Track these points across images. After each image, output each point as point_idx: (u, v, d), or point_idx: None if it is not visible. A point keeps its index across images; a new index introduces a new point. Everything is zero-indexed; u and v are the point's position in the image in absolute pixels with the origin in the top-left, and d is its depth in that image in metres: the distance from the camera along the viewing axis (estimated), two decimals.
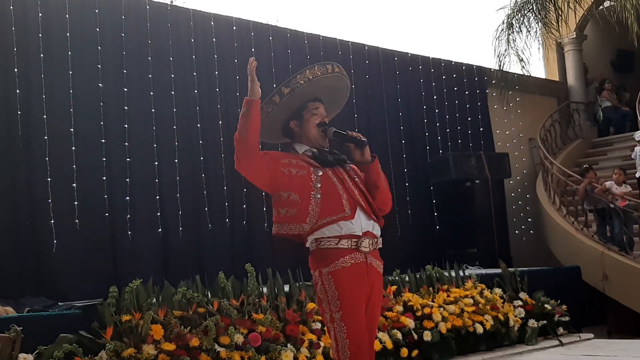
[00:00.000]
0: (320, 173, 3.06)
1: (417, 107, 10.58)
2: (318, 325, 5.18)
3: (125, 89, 7.52)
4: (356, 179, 3.14)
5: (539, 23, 11.08)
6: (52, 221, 6.69)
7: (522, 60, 11.34)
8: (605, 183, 9.58)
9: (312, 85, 3.11)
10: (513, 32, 11.31)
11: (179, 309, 4.76)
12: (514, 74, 11.65)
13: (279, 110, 3.15)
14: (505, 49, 11.32)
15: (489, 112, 11.79)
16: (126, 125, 7.44)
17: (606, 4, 12.11)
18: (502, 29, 11.38)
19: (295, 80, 3.09)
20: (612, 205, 9.30)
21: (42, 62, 6.93)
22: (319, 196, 2.99)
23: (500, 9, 11.74)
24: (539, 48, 12.34)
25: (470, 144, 11.15)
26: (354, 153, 3.14)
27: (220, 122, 8.22)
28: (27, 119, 6.78)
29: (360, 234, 2.99)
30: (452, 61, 11.39)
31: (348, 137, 3.11)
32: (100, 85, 7.34)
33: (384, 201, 3.19)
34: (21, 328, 3.94)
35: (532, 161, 12.62)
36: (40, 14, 7.02)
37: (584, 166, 10.49)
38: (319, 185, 3.02)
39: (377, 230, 3.09)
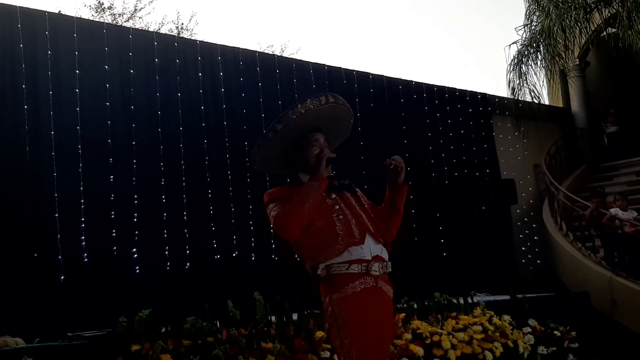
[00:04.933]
0: (334, 196, 3.11)
1: (422, 135, 10.62)
2: (327, 354, 5.17)
3: (134, 125, 7.58)
4: (365, 206, 3.20)
5: (548, 54, 11.33)
6: (60, 257, 6.71)
7: (532, 91, 11.72)
8: (610, 210, 9.57)
9: (307, 117, 3.13)
10: (525, 66, 11.66)
11: (188, 338, 4.77)
12: (526, 102, 11.91)
13: (276, 144, 3.17)
14: (519, 83, 11.65)
15: (494, 141, 11.83)
16: (135, 162, 7.48)
17: (609, 30, 12.24)
18: (515, 63, 11.72)
19: (287, 115, 3.10)
20: (620, 231, 9.29)
21: (51, 99, 7.00)
22: (341, 217, 3.05)
23: (513, 43, 12.13)
24: (545, 77, 12.60)
25: (476, 173, 11.17)
26: (389, 173, 3.32)
27: (227, 156, 8.28)
28: (36, 156, 6.83)
29: (370, 258, 3.01)
30: (456, 89, 11.46)
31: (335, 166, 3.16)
32: (109, 122, 7.40)
33: (397, 228, 3.33)
34: (31, 358, 3.95)
35: (537, 189, 12.59)
36: (49, 52, 7.12)
37: (598, 190, 10.50)
38: (337, 207, 3.08)
39: (385, 255, 3.12)
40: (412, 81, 10.85)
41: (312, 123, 3.20)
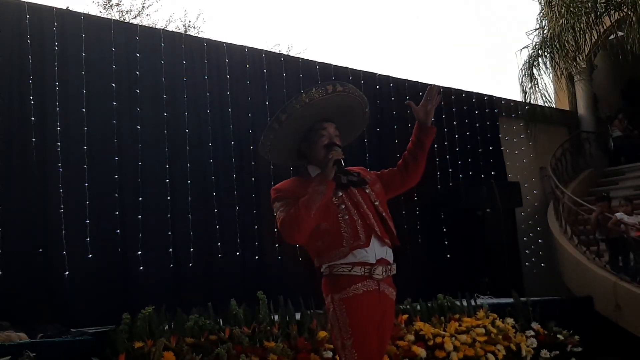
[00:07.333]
0: (340, 194, 3.05)
1: None
2: (330, 354, 5.17)
3: (139, 127, 7.57)
4: (376, 203, 3.12)
5: (560, 59, 11.35)
6: (64, 252, 6.71)
7: (544, 95, 11.77)
8: (616, 214, 9.54)
9: (312, 107, 3.04)
10: (536, 69, 11.70)
11: (191, 336, 4.78)
12: (532, 105, 11.94)
13: (283, 135, 3.11)
14: (531, 87, 11.70)
15: (500, 143, 11.80)
16: (140, 163, 7.48)
17: (617, 34, 12.20)
18: (527, 67, 11.78)
19: (291, 105, 3.03)
20: (625, 236, 9.25)
21: (58, 95, 7.00)
22: (347, 217, 2.99)
23: (524, 47, 12.17)
24: (554, 80, 12.61)
25: (482, 175, 11.13)
26: (419, 111, 3.50)
27: (233, 160, 8.27)
28: (42, 151, 6.83)
29: (374, 261, 2.98)
30: (462, 91, 11.42)
31: (344, 170, 3.08)
32: (115, 122, 7.40)
33: (422, 168, 3.34)
34: (34, 354, 3.96)
35: (543, 192, 12.56)
36: (56, 47, 7.12)
37: (603, 194, 10.45)
38: (344, 207, 3.02)
39: (390, 257, 3.07)
40: (418, 82, 10.82)
41: (319, 113, 3.10)
